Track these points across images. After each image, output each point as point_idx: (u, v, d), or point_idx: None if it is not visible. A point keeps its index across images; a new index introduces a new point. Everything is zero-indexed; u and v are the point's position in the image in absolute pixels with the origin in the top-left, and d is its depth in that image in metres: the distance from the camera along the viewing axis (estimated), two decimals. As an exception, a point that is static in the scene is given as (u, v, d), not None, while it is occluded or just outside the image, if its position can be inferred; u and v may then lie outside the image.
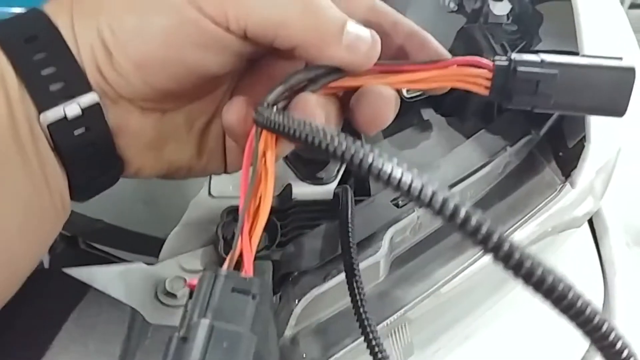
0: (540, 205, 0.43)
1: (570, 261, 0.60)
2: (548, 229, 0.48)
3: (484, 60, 0.23)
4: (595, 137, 0.41)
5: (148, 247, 0.53)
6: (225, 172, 0.29)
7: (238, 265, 0.20)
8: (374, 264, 0.35)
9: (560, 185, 0.44)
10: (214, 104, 0.27)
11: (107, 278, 0.33)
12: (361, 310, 0.27)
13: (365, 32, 0.23)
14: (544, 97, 0.23)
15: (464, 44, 0.49)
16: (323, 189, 0.39)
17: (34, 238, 0.23)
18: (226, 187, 0.40)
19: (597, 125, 0.42)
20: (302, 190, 0.39)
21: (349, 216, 0.32)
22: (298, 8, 0.22)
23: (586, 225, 0.59)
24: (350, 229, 0.31)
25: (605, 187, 0.56)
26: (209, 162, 0.28)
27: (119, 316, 0.30)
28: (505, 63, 0.23)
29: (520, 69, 0.22)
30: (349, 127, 0.25)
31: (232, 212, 0.38)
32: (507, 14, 0.49)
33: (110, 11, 0.22)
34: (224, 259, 0.35)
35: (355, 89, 0.24)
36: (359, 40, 0.23)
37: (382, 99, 0.24)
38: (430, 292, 0.38)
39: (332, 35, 0.22)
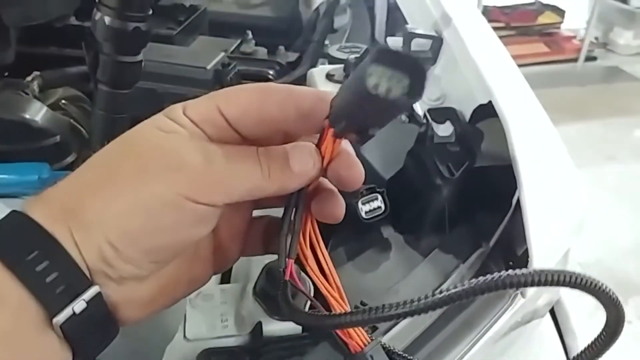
0: (495, 317, 0.46)
1: (538, 350, 0.62)
2: (512, 324, 0.51)
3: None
4: (537, 250, 0.45)
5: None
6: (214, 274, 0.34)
7: None
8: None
9: (513, 295, 0.47)
10: (195, 244, 0.31)
11: None
12: None
13: (305, 159, 0.29)
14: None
15: (414, 164, 0.54)
16: (292, 324, 0.41)
17: None
18: (200, 328, 0.42)
19: (538, 238, 0.46)
20: (272, 328, 0.41)
21: None
22: (265, 176, 0.28)
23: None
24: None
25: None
26: (199, 280, 0.33)
27: None
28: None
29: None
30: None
31: (207, 355, 0.40)
32: (450, 135, 0.54)
33: (113, 218, 0.26)
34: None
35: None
36: (304, 171, 0.29)
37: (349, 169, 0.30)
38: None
39: (290, 180, 0.29)
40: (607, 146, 2.53)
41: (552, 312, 0.63)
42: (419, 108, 0.57)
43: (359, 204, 0.51)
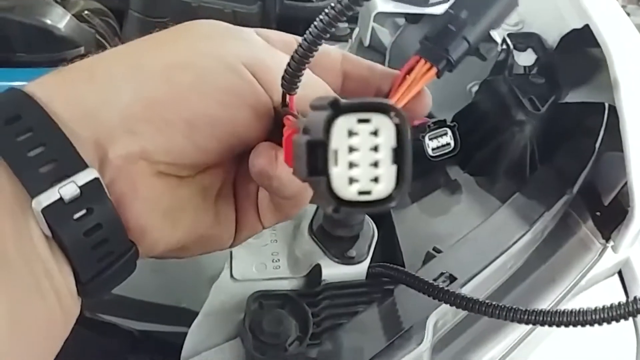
0: (584, 271, 0.40)
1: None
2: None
3: (420, 62, 0.26)
4: (639, 203, 0.39)
5: (158, 315, 0.50)
6: (234, 244, 0.28)
7: None
8: (416, 357, 0.32)
9: (602, 249, 0.42)
10: (226, 170, 0.26)
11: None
12: None
13: None
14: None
15: (489, 97, 0.47)
16: (354, 268, 0.36)
17: (34, 349, 0.20)
18: (249, 268, 0.37)
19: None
20: (332, 271, 0.36)
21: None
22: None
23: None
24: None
25: (636, 238, 0.54)
26: (224, 231, 0.27)
27: None
28: (444, 62, 0.26)
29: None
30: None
31: (259, 299, 0.35)
32: (533, 65, 0.47)
33: (155, 67, 0.21)
34: (253, 357, 0.32)
35: None
36: None
37: None
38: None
39: None
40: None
41: (620, 274, 0.58)
42: (496, 33, 0.49)
43: (426, 139, 0.45)
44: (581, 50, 0.46)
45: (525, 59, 0.47)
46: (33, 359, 0.20)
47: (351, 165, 0.16)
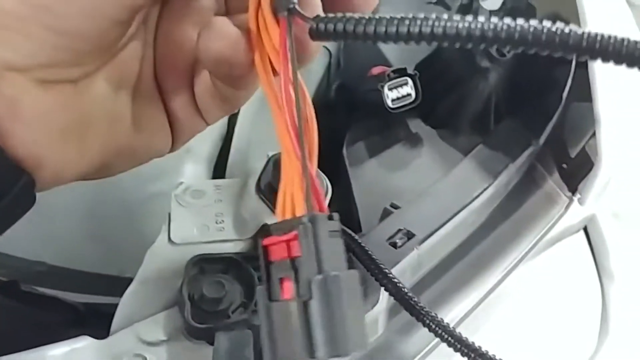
0: (549, 226, 0.38)
1: (568, 269, 0.56)
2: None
3: None
4: (606, 154, 0.37)
5: (97, 286, 0.47)
6: (173, 147, 0.23)
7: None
8: (372, 320, 0.30)
9: (567, 202, 0.40)
10: (135, 55, 0.21)
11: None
12: None
13: None
14: None
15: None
16: (306, 227, 0.33)
17: None
18: (190, 230, 0.33)
19: (608, 142, 0.38)
20: (281, 231, 0.33)
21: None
22: None
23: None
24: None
25: (602, 193, 0.52)
26: (153, 136, 0.22)
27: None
28: None
29: None
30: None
31: (199, 263, 0.32)
32: (499, 9, 0.44)
33: None
34: (191, 326, 0.29)
35: None
36: None
37: None
38: (434, 344, 0.33)
39: None
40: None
41: (585, 231, 0.57)
42: (460, -24, 0.46)
43: (385, 89, 0.41)
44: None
45: (491, 3, 0.44)
46: None
47: None
